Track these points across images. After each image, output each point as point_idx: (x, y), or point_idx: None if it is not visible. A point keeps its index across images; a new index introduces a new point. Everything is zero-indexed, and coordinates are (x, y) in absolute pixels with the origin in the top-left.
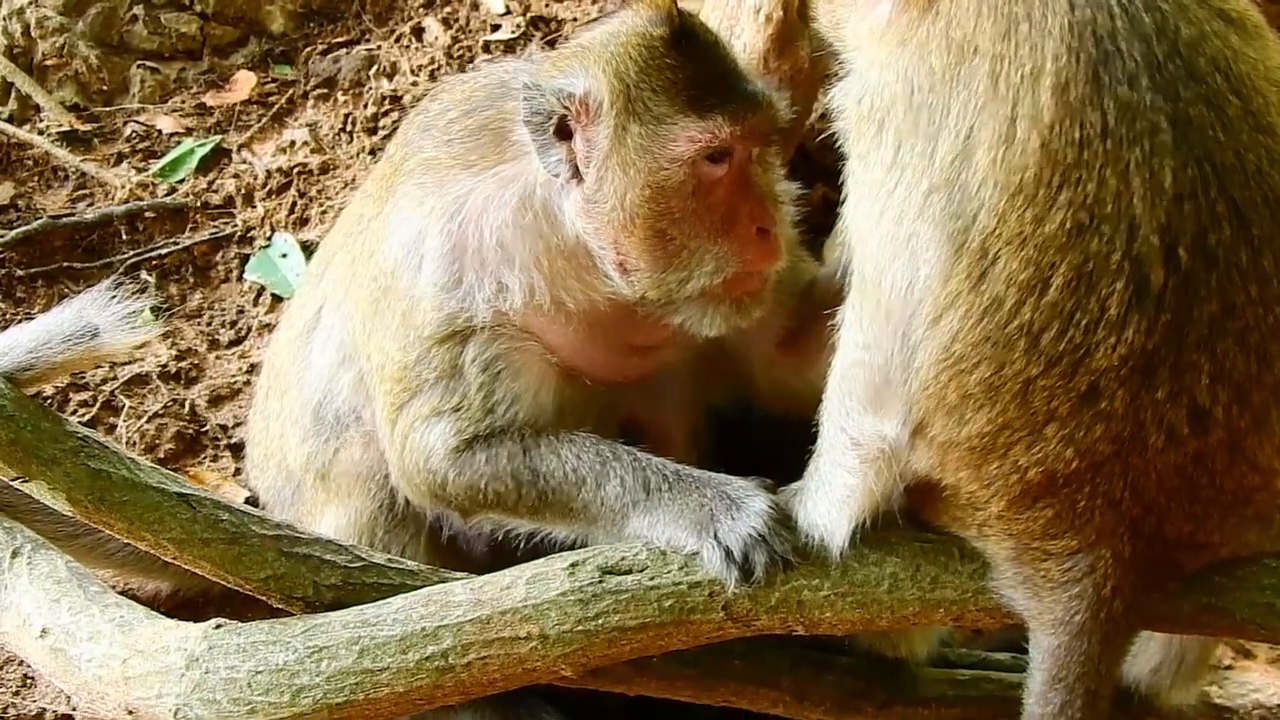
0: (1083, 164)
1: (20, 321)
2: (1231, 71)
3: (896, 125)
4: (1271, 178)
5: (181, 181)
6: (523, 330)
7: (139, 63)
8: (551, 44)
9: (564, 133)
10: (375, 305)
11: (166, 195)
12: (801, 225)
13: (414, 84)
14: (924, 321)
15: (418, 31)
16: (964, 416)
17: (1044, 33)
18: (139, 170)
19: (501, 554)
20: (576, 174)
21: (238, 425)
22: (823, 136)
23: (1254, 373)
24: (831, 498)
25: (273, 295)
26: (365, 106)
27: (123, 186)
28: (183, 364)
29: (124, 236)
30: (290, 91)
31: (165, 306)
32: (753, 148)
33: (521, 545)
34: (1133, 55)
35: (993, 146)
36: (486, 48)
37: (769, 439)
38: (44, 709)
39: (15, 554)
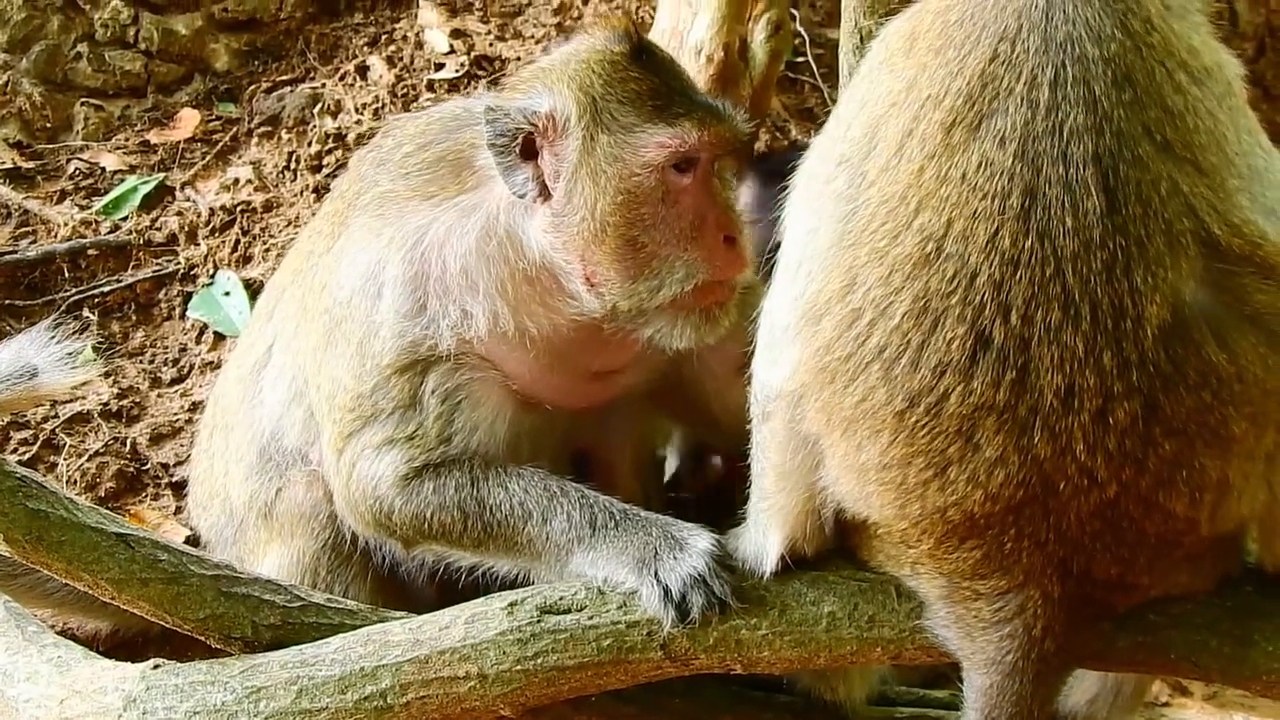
0: (941, 197)
1: None
2: (1119, 176)
3: (854, 80)
4: (1120, 282)
5: (125, 219)
6: (484, 359)
7: (83, 100)
8: (495, 84)
9: (528, 152)
10: (328, 336)
11: (110, 233)
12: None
13: (358, 122)
14: (802, 317)
15: (362, 70)
16: (860, 441)
17: (960, 67)
18: (82, 208)
19: (447, 594)
20: (543, 192)
21: (179, 464)
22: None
23: (1134, 449)
24: (761, 508)
25: (215, 333)
26: (309, 145)
27: (65, 224)
28: (124, 402)
29: (66, 274)
30: (234, 129)
31: (107, 344)
32: (716, 158)
33: (467, 585)
34: (1014, 120)
35: (888, 148)
36: (430, 86)
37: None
38: None
39: None
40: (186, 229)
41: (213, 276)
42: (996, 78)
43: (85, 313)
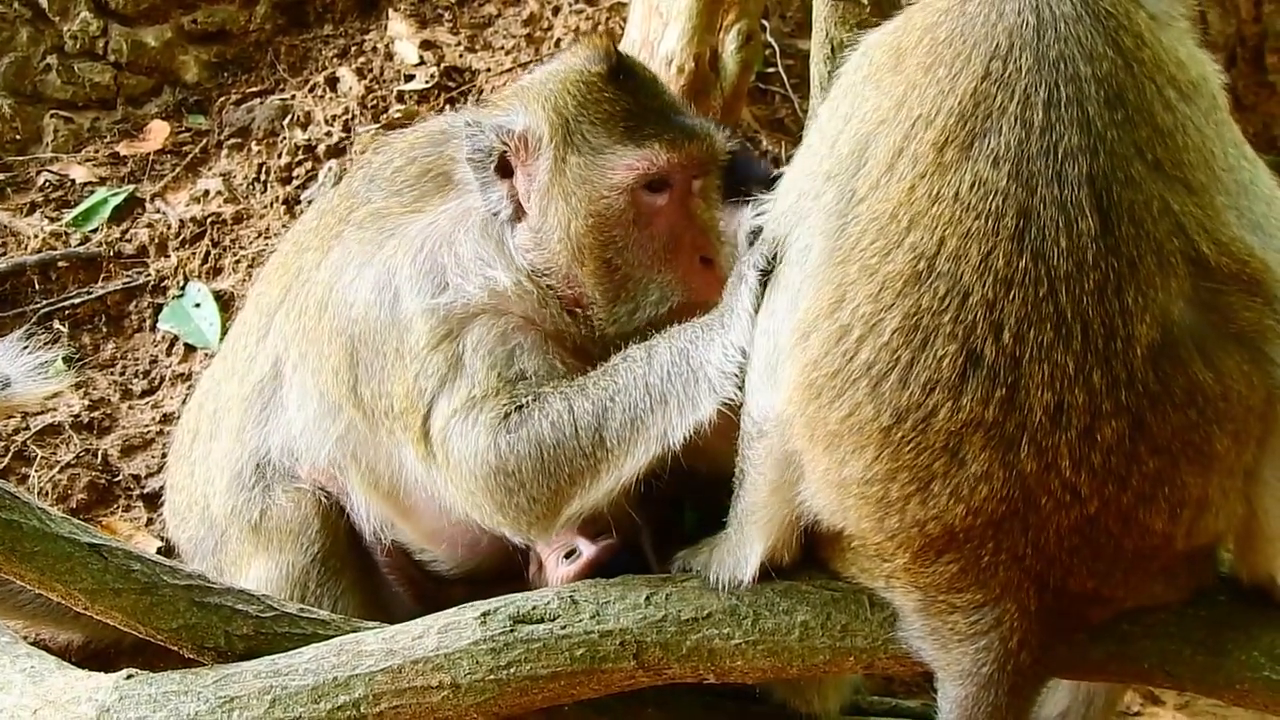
0: (933, 216)
1: None
2: (1113, 197)
3: (834, 94)
4: (1111, 302)
5: (95, 231)
6: (521, 317)
7: (52, 112)
8: (465, 95)
9: (504, 170)
10: (351, 356)
11: (80, 245)
12: None
13: (328, 134)
14: (794, 335)
15: (331, 81)
16: (843, 457)
17: (951, 86)
18: (52, 220)
19: (431, 608)
20: (518, 210)
21: (150, 475)
22: None
23: (1118, 467)
24: (747, 518)
25: (186, 345)
26: (279, 156)
27: (35, 236)
28: (95, 414)
29: (37, 286)
30: (204, 141)
31: (78, 356)
32: (692, 178)
33: (453, 601)
34: (1008, 140)
35: (878, 165)
36: (400, 98)
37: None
38: None
39: None
40: (156, 241)
41: (183, 288)
42: (989, 96)
43: (56, 325)
